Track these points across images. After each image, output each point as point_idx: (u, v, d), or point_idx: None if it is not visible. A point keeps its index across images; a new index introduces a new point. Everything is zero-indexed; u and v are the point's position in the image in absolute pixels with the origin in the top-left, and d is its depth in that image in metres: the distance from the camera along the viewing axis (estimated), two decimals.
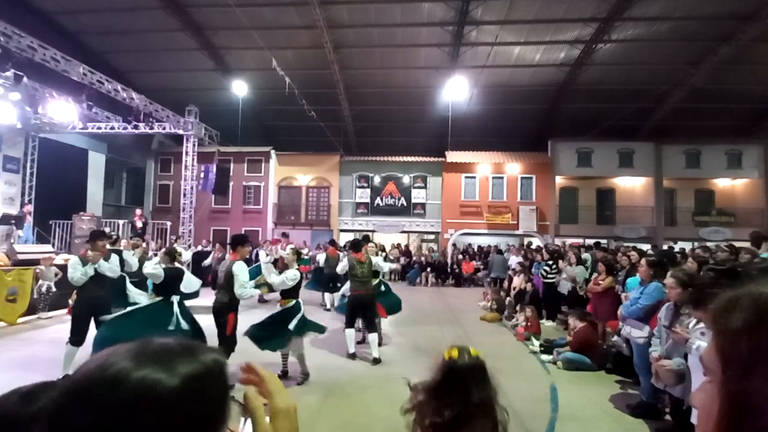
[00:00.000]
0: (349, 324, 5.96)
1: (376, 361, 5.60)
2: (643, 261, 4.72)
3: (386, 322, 8.17)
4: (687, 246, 15.66)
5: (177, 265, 5.15)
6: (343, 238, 19.47)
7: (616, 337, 5.71)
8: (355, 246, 6.24)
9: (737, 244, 6.49)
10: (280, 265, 10.78)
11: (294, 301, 5.00)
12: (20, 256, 8.57)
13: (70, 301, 8.57)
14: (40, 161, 13.93)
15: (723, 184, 19.46)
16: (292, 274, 4.97)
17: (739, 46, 14.87)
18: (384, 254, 8.63)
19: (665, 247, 15.03)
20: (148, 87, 17.02)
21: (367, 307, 5.98)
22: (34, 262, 8.23)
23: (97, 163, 16.91)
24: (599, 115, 18.58)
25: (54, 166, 14.26)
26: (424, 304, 10.91)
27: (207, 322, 4.99)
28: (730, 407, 0.36)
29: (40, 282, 7.86)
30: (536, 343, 6.57)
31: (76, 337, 4.78)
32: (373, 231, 19.48)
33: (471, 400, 1.41)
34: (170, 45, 17.06)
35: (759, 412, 0.34)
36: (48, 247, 10.38)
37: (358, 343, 6.23)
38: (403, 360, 5.85)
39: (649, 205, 18.93)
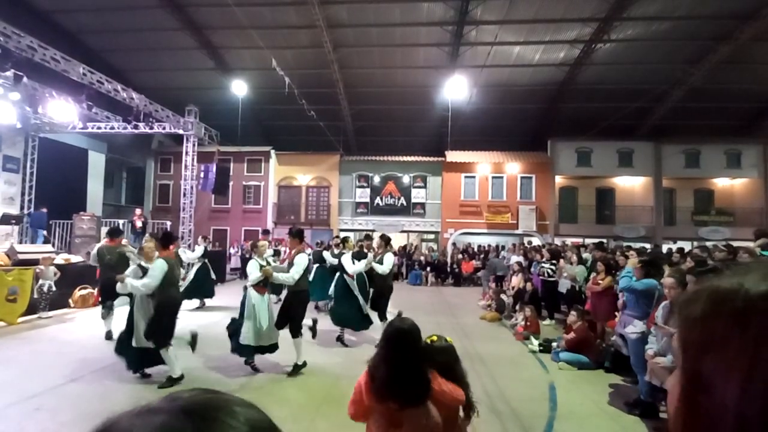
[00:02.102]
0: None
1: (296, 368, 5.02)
2: (635, 262, 4.84)
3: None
4: (686, 245, 15.71)
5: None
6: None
7: (615, 337, 5.73)
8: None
9: (736, 244, 6.51)
10: (281, 261, 10.76)
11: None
12: (21, 256, 8.59)
13: (71, 301, 8.63)
14: (40, 161, 13.93)
15: (722, 183, 19.48)
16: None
17: (738, 45, 14.88)
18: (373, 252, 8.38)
19: (665, 246, 15.08)
20: (148, 86, 17.01)
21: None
22: (35, 262, 8.24)
23: (97, 162, 16.92)
24: (598, 114, 18.59)
25: (54, 165, 14.25)
26: (423, 303, 10.92)
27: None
28: (687, 386, 0.42)
29: (41, 282, 7.88)
30: (535, 342, 6.58)
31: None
32: (372, 230, 19.49)
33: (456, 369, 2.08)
34: (170, 44, 17.05)
35: (709, 390, 0.39)
36: (48, 247, 10.39)
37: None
38: None
39: (648, 205, 18.95)
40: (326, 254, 9.77)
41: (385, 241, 6.73)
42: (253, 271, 5.05)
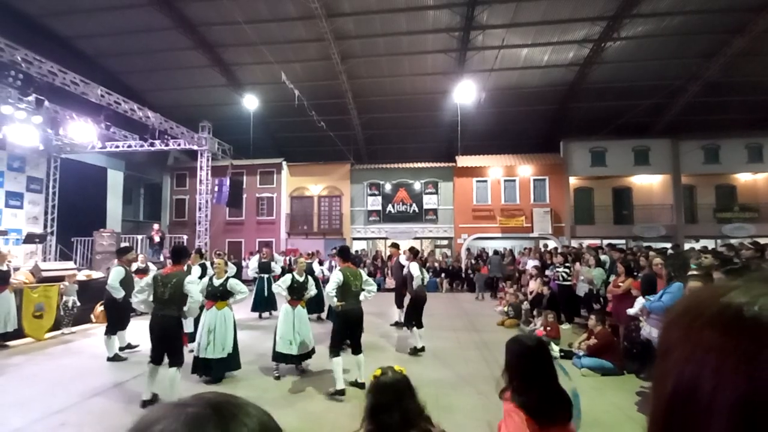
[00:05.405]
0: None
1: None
2: (660, 263, 4.69)
3: (401, 332, 8.11)
4: (710, 243, 15.21)
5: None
6: (356, 246, 19.53)
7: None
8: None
9: (763, 241, 6.28)
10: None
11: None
12: (44, 274, 8.83)
13: (92, 316, 8.82)
14: (62, 181, 14.39)
15: (744, 178, 18.87)
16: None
17: (753, 37, 14.52)
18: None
19: (686, 245, 14.64)
20: (163, 105, 17.50)
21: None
22: (58, 279, 8.47)
23: (115, 180, 17.39)
24: (612, 113, 18.29)
25: (75, 185, 14.71)
26: (439, 310, 10.80)
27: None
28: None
29: (65, 298, 8.09)
30: (556, 348, 6.43)
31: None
32: (385, 238, 19.48)
33: (405, 407, 1.71)
34: (183, 63, 17.53)
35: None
36: (70, 264, 10.67)
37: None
38: (417, 368, 5.79)
39: (667, 203, 18.47)
40: (316, 266, 9.73)
41: (414, 253, 7.44)
42: (281, 284, 5.65)
